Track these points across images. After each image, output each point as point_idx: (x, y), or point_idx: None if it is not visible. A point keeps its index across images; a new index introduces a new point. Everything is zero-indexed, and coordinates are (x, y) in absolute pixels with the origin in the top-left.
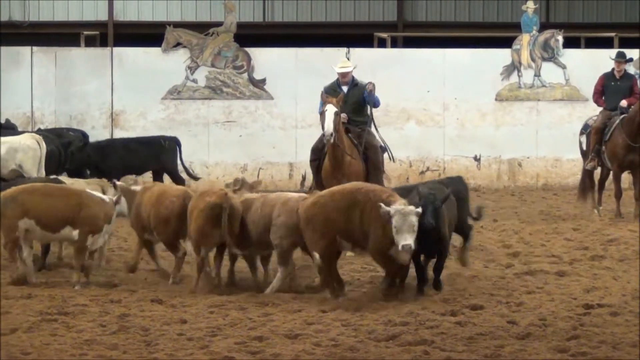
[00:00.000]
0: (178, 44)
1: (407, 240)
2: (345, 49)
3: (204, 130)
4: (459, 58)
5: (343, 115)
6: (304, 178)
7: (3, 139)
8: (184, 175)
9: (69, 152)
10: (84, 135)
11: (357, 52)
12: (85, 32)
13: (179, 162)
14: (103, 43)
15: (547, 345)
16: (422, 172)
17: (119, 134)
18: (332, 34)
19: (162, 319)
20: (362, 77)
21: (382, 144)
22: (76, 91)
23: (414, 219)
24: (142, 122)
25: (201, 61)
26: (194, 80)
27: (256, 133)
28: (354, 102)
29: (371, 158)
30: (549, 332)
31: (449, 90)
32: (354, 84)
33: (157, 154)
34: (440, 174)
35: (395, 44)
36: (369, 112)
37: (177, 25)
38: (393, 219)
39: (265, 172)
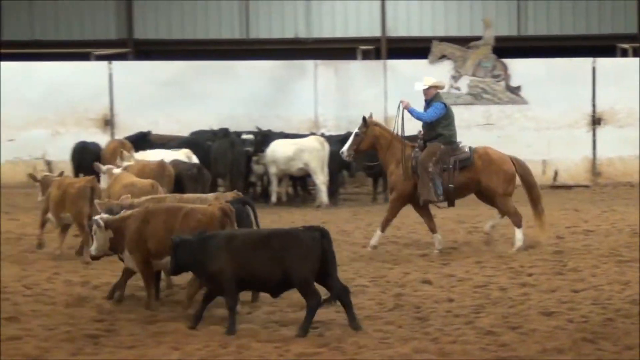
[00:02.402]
0: (443, 56)
1: None
2: (590, 59)
3: (466, 132)
4: None
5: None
6: (556, 174)
7: (292, 140)
8: None
9: None
10: None
11: (601, 62)
12: (362, 47)
13: None
14: (377, 56)
15: None
16: None
17: None
18: (578, 46)
19: (432, 297)
20: (605, 85)
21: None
22: (354, 99)
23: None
24: (411, 126)
25: (464, 71)
26: (458, 88)
27: (512, 134)
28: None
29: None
30: None
31: None
32: (432, 99)
33: None
34: None
35: (636, 54)
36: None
37: (442, 39)
38: None
39: None
